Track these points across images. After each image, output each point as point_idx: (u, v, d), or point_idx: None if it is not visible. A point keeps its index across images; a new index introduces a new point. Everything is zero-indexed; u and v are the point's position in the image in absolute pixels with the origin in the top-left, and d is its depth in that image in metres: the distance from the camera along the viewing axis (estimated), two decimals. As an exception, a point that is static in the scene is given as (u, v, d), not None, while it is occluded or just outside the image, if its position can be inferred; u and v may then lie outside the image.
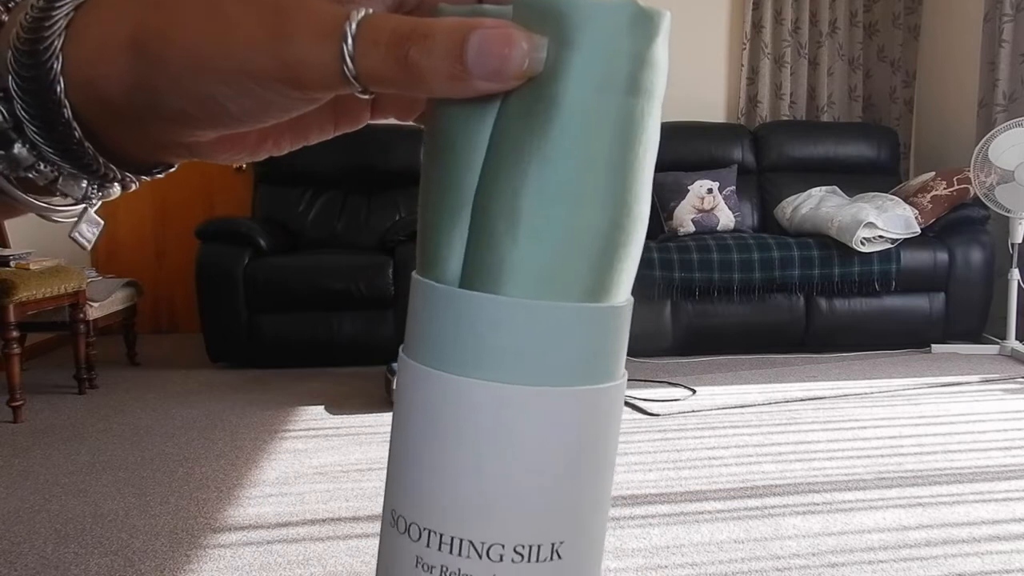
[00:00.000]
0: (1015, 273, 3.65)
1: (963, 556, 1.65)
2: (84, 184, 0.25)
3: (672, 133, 4.38)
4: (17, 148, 0.23)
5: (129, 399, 3.09)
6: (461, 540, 0.22)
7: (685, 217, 4.10)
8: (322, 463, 2.27)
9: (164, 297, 4.73)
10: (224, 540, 1.77)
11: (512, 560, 0.22)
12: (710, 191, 4.14)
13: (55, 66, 0.22)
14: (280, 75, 0.21)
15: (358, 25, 0.20)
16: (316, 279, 3.55)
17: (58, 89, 0.22)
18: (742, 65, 4.70)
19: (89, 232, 0.27)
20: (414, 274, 0.24)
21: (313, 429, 2.62)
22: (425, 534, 0.22)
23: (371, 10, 0.20)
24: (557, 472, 0.22)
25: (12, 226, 3.66)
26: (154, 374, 3.57)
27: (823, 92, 4.75)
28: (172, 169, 0.28)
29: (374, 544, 1.73)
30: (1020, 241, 3.66)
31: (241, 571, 1.62)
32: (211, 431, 2.62)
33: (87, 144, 0.24)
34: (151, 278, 4.63)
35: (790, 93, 4.74)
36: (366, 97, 0.21)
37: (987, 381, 3.18)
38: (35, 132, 0.23)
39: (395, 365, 2.87)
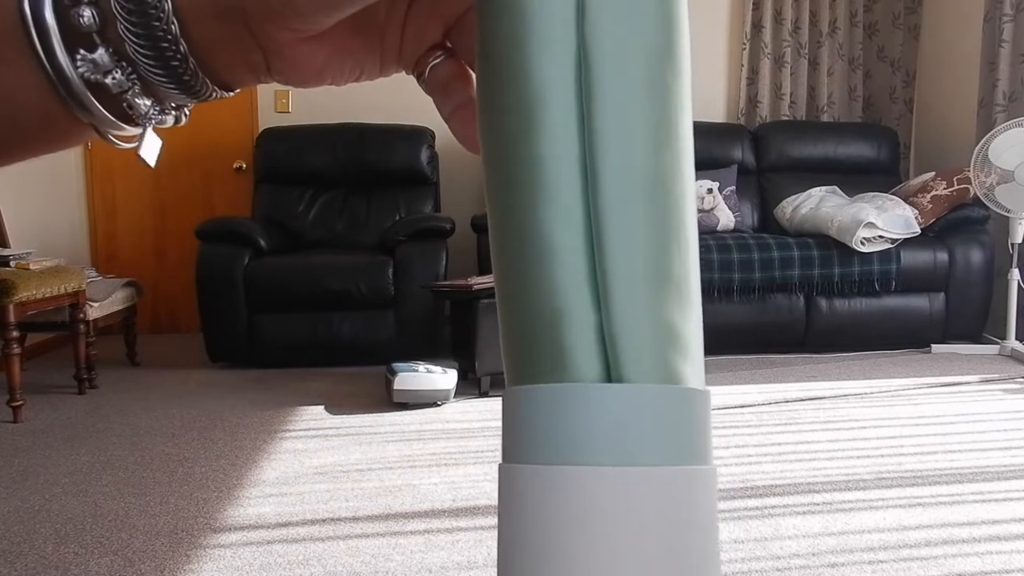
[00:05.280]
0: (1015, 273, 3.65)
1: (963, 556, 1.65)
2: (148, 104, 0.25)
3: (672, 133, 4.37)
4: (99, 52, 0.23)
5: (129, 399, 3.09)
6: None
7: (685, 217, 4.10)
8: (322, 463, 2.27)
9: (164, 297, 4.73)
10: (224, 540, 1.77)
11: None
12: (710, 191, 4.14)
13: None
14: None
15: None
16: (316, 279, 3.55)
17: (164, 4, 0.23)
18: (742, 65, 4.70)
19: (153, 150, 0.28)
20: (514, 389, 0.22)
21: (313, 429, 2.62)
22: None
23: None
24: (671, 551, 0.21)
25: (12, 226, 3.66)
26: (154, 374, 3.57)
27: (823, 92, 4.75)
28: (236, 92, 0.28)
29: (374, 544, 1.73)
30: (1020, 241, 3.65)
31: (241, 571, 1.62)
32: (211, 431, 2.62)
33: (181, 43, 0.24)
34: (151, 278, 4.63)
35: (790, 93, 4.74)
36: None
37: (987, 381, 3.18)
38: (128, 29, 0.23)
39: (395, 365, 2.85)
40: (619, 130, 0.21)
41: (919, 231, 3.75)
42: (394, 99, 4.53)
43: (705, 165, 4.32)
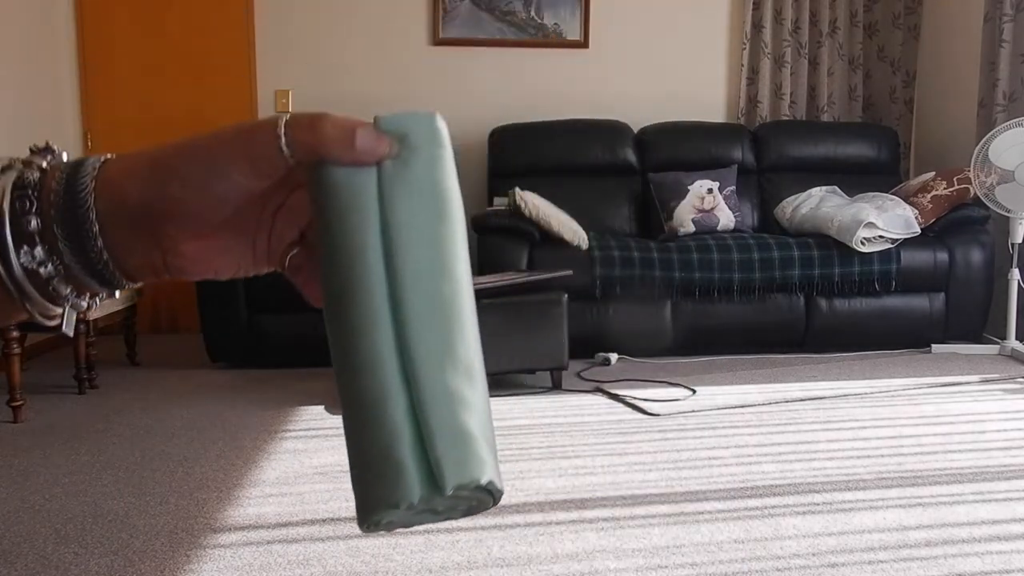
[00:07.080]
0: (1015, 273, 3.65)
1: (963, 556, 1.65)
2: (69, 290, 0.34)
3: (672, 133, 4.38)
4: (38, 249, 0.32)
5: (129, 399, 3.09)
6: None
7: (685, 217, 4.10)
8: (322, 463, 2.27)
9: (164, 297, 4.73)
10: (224, 540, 1.77)
11: None
12: (710, 191, 4.14)
13: (88, 200, 0.32)
14: (244, 158, 0.33)
15: (286, 119, 0.32)
16: (316, 279, 3.55)
17: (90, 214, 0.32)
18: (742, 65, 4.70)
19: (71, 324, 0.36)
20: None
21: (313, 429, 2.62)
22: None
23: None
24: None
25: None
26: (154, 374, 3.57)
27: (823, 92, 4.75)
28: (140, 284, 0.38)
29: (374, 544, 1.73)
30: (1020, 241, 3.66)
31: (241, 571, 1.62)
32: (211, 431, 2.62)
33: (99, 241, 0.33)
34: (151, 278, 4.63)
35: (790, 93, 4.73)
36: (292, 163, 0.33)
37: (987, 381, 3.18)
38: (62, 233, 0.32)
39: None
40: (413, 272, 0.31)
41: (919, 231, 3.75)
42: (394, 99, 4.53)
43: (705, 165, 4.32)
